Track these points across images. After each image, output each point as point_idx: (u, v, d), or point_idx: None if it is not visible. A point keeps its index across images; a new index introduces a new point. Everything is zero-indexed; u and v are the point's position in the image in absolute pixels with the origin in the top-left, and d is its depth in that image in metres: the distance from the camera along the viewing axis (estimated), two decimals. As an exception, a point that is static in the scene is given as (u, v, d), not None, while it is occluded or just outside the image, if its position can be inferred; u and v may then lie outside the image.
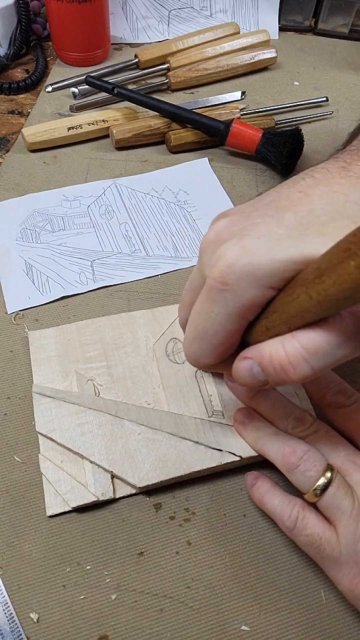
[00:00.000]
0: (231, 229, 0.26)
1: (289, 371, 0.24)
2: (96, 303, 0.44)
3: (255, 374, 0.26)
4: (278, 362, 0.24)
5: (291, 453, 0.29)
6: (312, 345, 0.23)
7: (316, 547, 0.28)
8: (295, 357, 0.24)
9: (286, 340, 0.24)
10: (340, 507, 0.27)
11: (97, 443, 0.33)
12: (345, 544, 0.27)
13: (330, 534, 0.28)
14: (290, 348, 0.24)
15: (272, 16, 0.76)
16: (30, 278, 0.45)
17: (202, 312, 0.26)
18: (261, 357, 0.25)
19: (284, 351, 0.24)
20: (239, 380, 0.27)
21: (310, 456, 0.29)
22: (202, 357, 0.28)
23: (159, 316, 0.41)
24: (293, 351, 0.24)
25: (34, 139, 0.56)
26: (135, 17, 0.75)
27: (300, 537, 0.29)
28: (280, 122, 0.60)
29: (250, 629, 0.29)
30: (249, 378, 0.26)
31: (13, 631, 0.28)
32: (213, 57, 0.67)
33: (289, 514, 0.29)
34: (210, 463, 0.33)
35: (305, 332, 0.24)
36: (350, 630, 0.29)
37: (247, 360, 0.26)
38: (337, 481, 0.28)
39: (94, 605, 0.29)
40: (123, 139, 0.57)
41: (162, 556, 0.31)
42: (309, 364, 0.23)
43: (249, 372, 0.26)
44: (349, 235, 0.19)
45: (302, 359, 0.23)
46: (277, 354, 0.24)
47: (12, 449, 0.35)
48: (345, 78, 0.70)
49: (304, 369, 0.24)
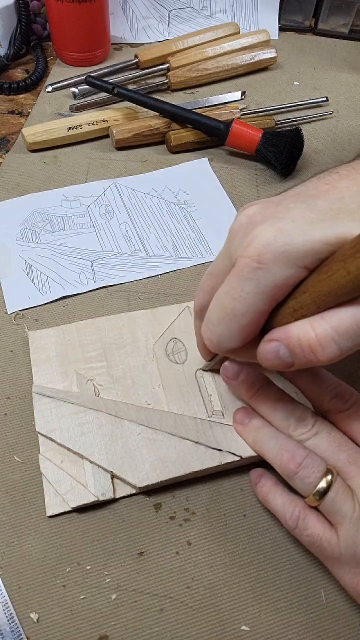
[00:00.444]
0: (264, 213, 0.26)
1: (318, 352, 0.24)
2: (96, 303, 0.44)
3: (281, 356, 0.26)
4: (307, 343, 0.24)
5: (289, 459, 0.29)
6: (342, 326, 0.24)
7: (317, 546, 0.28)
8: (325, 338, 0.24)
9: (315, 321, 0.24)
10: (341, 512, 0.27)
11: (97, 443, 0.33)
12: (345, 546, 0.27)
13: (330, 535, 0.28)
14: (320, 329, 0.24)
15: (272, 16, 0.76)
16: (30, 278, 0.45)
17: (231, 292, 0.26)
18: (289, 339, 0.25)
19: (314, 332, 0.24)
20: (265, 362, 0.27)
21: (308, 462, 0.28)
22: (227, 340, 0.28)
23: (159, 316, 0.41)
24: (323, 332, 0.24)
25: (34, 139, 0.56)
26: (135, 17, 0.75)
27: (302, 536, 0.29)
28: (280, 122, 0.60)
29: (250, 629, 0.29)
30: (275, 360, 0.26)
31: (13, 631, 0.28)
32: (213, 57, 0.67)
33: (291, 514, 0.29)
34: (210, 463, 0.33)
35: (334, 313, 0.24)
36: (350, 630, 0.29)
37: (274, 342, 0.26)
38: (337, 486, 0.28)
39: (94, 605, 0.29)
40: (123, 139, 0.57)
41: (162, 556, 0.31)
42: (338, 344, 0.24)
43: (275, 354, 0.26)
44: None
45: (332, 340, 0.24)
46: (306, 335, 0.24)
47: (12, 449, 0.35)
48: (345, 78, 0.70)
49: (332, 350, 0.24)
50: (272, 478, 0.32)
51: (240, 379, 0.33)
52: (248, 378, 0.33)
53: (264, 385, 0.32)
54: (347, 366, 0.40)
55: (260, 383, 0.33)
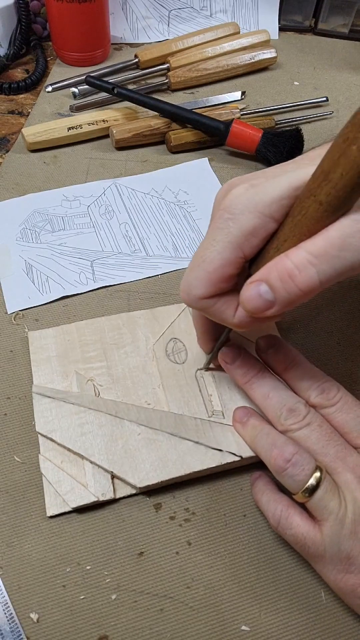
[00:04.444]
0: (242, 178, 0.28)
1: (295, 276, 0.24)
2: (96, 303, 0.44)
3: (262, 293, 0.26)
4: (284, 270, 0.25)
5: (278, 456, 0.29)
6: (316, 249, 0.24)
7: (301, 545, 0.28)
8: (301, 262, 0.24)
9: (290, 251, 0.25)
10: (328, 508, 0.28)
11: (97, 443, 0.33)
12: (329, 543, 0.27)
13: (314, 534, 0.28)
14: (295, 255, 0.24)
15: (272, 16, 0.76)
16: (30, 278, 0.45)
17: (204, 242, 0.28)
18: (268, 273, 0.26)
19: (289, 259, 0.25)
20: (247, 306, 0.27)
21: (298, 459, 0.29)
22: (195, 287, 0.28)
23: (159, 316, 0.41)
24: (298, 257, 0.24)
25: (34, 139, 0.56)
26: (135, 17, 0.75)
27: (285, 535, 0.29)
28: (280, 122, 0.60)
29: (250, 629, 0.29)
30: (257, 300, 0.26)
31: (13, 631, 0.28)
32: (213, 57, 0.67)
33: (273, 512, 0.29)
34: (210, 463, 0.33)
35: (308, 241, 0.24)
36: (350, 630, 0.29)
37: (254, 283, 0.26)
38: (326, 483, 0.28)
39: (94, 605, 0.29)
40: (123, 139, 0.57)
41: (162, 556, 0.31)
42: (316, 268, 0.24)
43: (257, 294, 0.26)
44: (345, 128, 0.21)
45: (308, 262, 0.24)
46: (282, 264, 0.25)
47: (12, 449, 0.35)
48: (345, 78, 0.70)
49: (310, 274, 0.24)
50: (267, 479, 0.32)
51: (237, 364, 0.33)
52: (244, 364, 0.33)
53: (259, 373, 0.33)
54: (347, 366, 0.40)
55: (256, 370, 0.33)
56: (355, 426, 0.31)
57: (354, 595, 0.28)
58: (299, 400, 0.31)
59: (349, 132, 0.21)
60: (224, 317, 0.29)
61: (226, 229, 0.26)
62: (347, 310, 0.44)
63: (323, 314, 0.43)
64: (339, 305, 0.44)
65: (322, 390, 0.31)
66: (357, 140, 0.21)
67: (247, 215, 0.26)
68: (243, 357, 0.34)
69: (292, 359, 0.33)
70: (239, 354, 0.34)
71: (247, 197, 0.26)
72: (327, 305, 0.44)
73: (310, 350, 0.41)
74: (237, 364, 0.33)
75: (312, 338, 0.42)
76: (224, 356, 0.34)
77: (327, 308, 0.44)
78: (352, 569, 0.27)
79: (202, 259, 0.28)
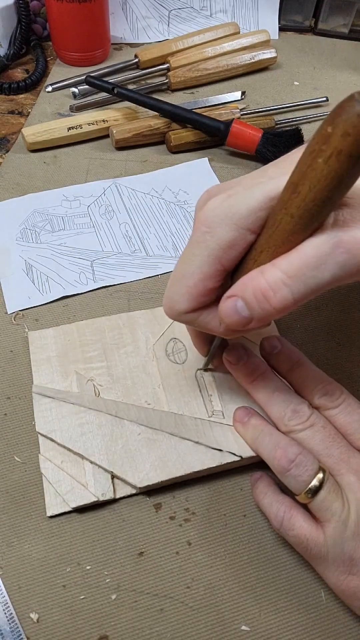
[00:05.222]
0: (221, 187, 0.28)
1: (270, 297, 0.24)
2: (96, 303, 0.44)
3: (239, 310, 0.26)
4: (259, 289, 0.25)
5: (282, 456, 0.29)
6: (291, 269, 0.24)
7: (303, 546, 0.28)
8: (275, 282, 0.24)
9: (265, 268, 0.25)
10: (330, 510, 0.28)
11: (97, 443, 0.33)
12: (332, 544, 0.27)
13: (317, 535, 0.28)
14: (269, 274, 0.24)
15: (272, 16, 0.76)
16: (30, 278, 0.45)
17: (183, 256, 0.28)
18: (243, 290, 0.26)
19: (264, 278, 0.25)
20: (225, 321, 0.27)
21: (301, 460, 0.29)
22: (177, 302, 0.28)
23: (159, 316, 0.41)
24: (272, 277, 0.24)
25: (34, 139, 0.56)
26: (135, 17, 0.75)
27: (288, 536, 0.29)
28: (280, 122, 0.60)
29: (250, 629, 0.29)
30: (234, 315, 0.26)
31: (13, 631, 0.28)
32: (213, 57, 0.67)
33: (275, 514, 0.29)
34: (210, 463, 0.33)
35: (283, 258, 0.24)
36: (350, 630, 0.29)
37: (231, 298, 0.26)
38: (329, 484, 0.28)
39: (94, 605, 0.29)
40: (123, 139, 0.57)
41: (162, 556, 0.31)
42: (289, 288, 0.24)
43: (233, 309, 0.26)
44: (311, 140, 0.21)
45: (282, 283, 0.24)
46: (258, 283, 0.25)
47: (12, 449, 0.35)
48: (345, 78, 0.70)
49: (284, 295, 0.24)
50: (268, 479, 0.32)
51: (241, 363, 0.33)
52: (248, 364, 0.33)
53: (263, 374, 0.33)
54: (347, 366, 0.40)
55: (260, 371, 0.33)
56: (358, 428, 0.31)
57: (355, 597, 0.27)
58: (302, 401, 0.31)
59: (315, 144, 0.20)
60: (209, 328, 0.29)
61: (204, 243, 0.26)
62: (347, 310, 0.44)
63: (323, 314, 0.43)
64: (339, 305, 0.44)
65: (325, 392, 0.31)
66: (323, 153, 0.20)
67: (223, 229, 0.26)
68: (247, 358, 0.33)
69: (295, 360, 0.33)
70: (243, 354, 0.34)
71: (222, 210, 0.26)
72: (327, 305, 0.44)
73: (310, 350, 0.41)
74: (242, 365, 0.33)
75: (312, 338, 0.42)
76: (229, 356, 0.34)
77: (327, 308, 0.44)
78: (354, 571, 0.27)
79: (181, 273, 0.28)
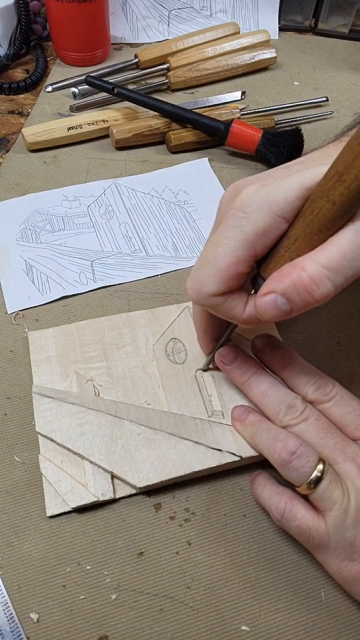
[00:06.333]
0: (249, 180, 0.29)
1: (314, 292, 0.25)
2: (96, 303, 0.44)
3: (279, 305, 0.26)
4: (302, 286, 0.25)
5: (283, 449, 0.29)
6: (331, 263, 0.25)
7: (306, 536, 0.29)
8: (318, 277, 0.25)
9: (305, 263, 0.25)
10: (332, 499, 0.28)
11: (97, 443, 0.33)
12: (334, 532, 0.28)
13: (319, 524, 0.28)
14: (312, 270, 0.25)
15: (272, 16, 0.76)
16: (30, 278, 0.45)
17: (215, 239, 0.28)
18: (284, 288, 0.26)
19: (307, 274, 0.25)
20: (264, 316, 0.27)
21: (302, 451, 0.29)
22: (206, 284, 0.28)
23: (159, 316, 0.41)
24: (315, 272, 0.25)
25: (34, 139, 0.56)
26: (135, 17, 0.75)
27: (289, 527, 0.29)
28: (280, 122, 0.60)
29: (250, 629, 0.29)
30: (274, 311, 0.27)
31: (13, 631, 0.28)
32: (213, 57, 0.67)
33: (276, 506, 0.30)
34: (210, 463, 0.33)
35: (320, 252, 0.25)
36: (350, 630, 0.29)
37: (270, 295, 0.27)
38: (329, 474, 0.29)
39: (94, 605, 0.29)
40: (123, 139, 0.57)
41: (162, 556, 0.31)
42: (332, 281, 0.25)
43: (273, 304, 0.27)
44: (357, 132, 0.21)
45: (325, 277, 0.25)
46: (299, 279, 0.25)
47: (12, 449, 0.35)
48: (345, 78, 0.70)
49: (327, 287, 0.25)
50: (266, 476, 0.32)
51: (235, 365, 0.34)
52: (241, 364, 0.34)
53: (256, 372, 0.33)
54: (347, 366, 0.40)
55: (253, 370, 0.33)
56: (352, 419, 0.31)
57: (357, 583, 0.28)
58: (296, 396, 0.32)
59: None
60: (233, 315, 0.29)
61: (239, 227, 0.27)
62: (347, 310, 0.44)
63: (323, 314, 0.43)
64: (339, 305, 0.44)
65: (318, 387, 0.32)
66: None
67: (260, 214, 0.26)
68: (240, 358, 0.34)
69: (288, 357, 0.33)
70: (236, 355, 0.34)
71: (259, 197, 0.26)
72: (327, 305, 0.44)
73: (310, 350, 0.41)
74: (235, 365, 0.34)
75: (312, 338, 0.42)
76: (222, 358, 0.34)
77: (327, 308, 0.44)
78: (355, 557, 0.28)
79: (213, 256, 0.28)
